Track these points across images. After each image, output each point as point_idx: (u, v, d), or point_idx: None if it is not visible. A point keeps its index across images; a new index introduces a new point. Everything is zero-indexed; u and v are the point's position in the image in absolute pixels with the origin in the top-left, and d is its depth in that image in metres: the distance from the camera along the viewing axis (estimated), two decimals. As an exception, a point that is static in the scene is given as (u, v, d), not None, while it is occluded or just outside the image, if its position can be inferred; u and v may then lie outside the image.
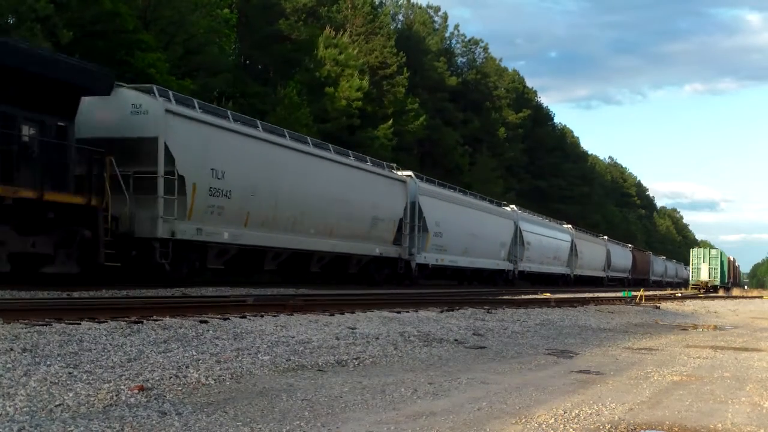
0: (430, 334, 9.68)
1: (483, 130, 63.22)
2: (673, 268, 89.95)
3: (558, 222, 50.60)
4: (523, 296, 22.73)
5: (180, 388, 5.35)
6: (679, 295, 38.30)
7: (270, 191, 20.09)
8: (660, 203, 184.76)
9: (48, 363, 5.56)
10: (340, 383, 5.93)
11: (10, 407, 4.39)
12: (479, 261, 34.79)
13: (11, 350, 5.81)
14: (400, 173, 28.65)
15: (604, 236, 62.88)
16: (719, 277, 56.79)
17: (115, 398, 4.88)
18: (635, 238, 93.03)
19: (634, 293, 28.70)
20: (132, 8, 27.93)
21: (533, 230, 42.34)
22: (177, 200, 16.69)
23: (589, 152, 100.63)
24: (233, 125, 19.18)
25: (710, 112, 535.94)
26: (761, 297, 46.43)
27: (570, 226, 51.91)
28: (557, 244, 46.97)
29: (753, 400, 5.99)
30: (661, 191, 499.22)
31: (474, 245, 33.67)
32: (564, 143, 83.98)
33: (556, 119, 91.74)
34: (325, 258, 23.59)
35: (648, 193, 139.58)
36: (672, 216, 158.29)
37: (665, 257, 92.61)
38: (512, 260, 39.08)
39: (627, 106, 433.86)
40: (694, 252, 61.27)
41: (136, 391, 5.06)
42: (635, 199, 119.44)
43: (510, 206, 41.64)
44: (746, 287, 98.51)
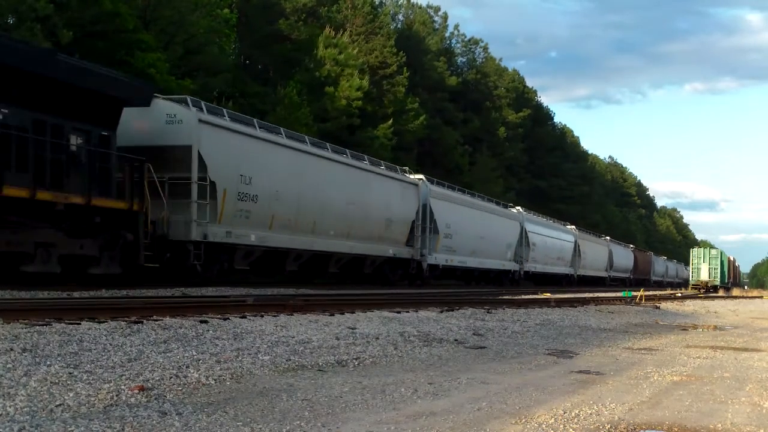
0: (430, 334, 9.69)
1: (483, 130, 63.23)
2: (674, 269, 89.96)
3: (562, 223, 51.00)
4: (523, 296, 22.74)
5: (180, 388, 5.35)
6: (679, 295, 38.30)
7: (293, 195, 20.95)
8: (660, 203, 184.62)
9: (48, 363, 5.56)
10: (340, 383, 5.93)
11: (11, 407, 4.39)
12: (486, 262, 35.55)
13: (11, 350, 5.82)
14: (413, 176, 29.41)
15: (607, 237, 62.99)
16: (719, 277, 56.78)
17: (116, 398, 4.88)
18: (635, 238, 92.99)
19: (634, 293, 28.71)
20: (132, 8, 27.95)
21: (538, 231, 42.86)
22: (209, 205, 17.57)
23: (589, 152, 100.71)
24: (259, 133, 20.08)
25: (710, 112, 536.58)
26: (761, 297, 46.43)
27: (573, 227, 52.26)
28: (561, 245, 47.44)
29: (753, 400, 5.99)
30: (661, 191, 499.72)
31: (482, 246, 34.45)
32: (564, 143, 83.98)
33: (556, 119, 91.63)
34: (343, 259, 24.42)
35: (648, 193, 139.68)
36: (672, 216, 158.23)
37: (666, 257, 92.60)
38: (518, 261, 39.67)
39: (627, 106, 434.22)
40: (694, 252, 61.26)
41: (137, 391, 5.06)
42: (635, 199, 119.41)
43: (516, 208, 42.19)
44: (746, 287, 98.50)
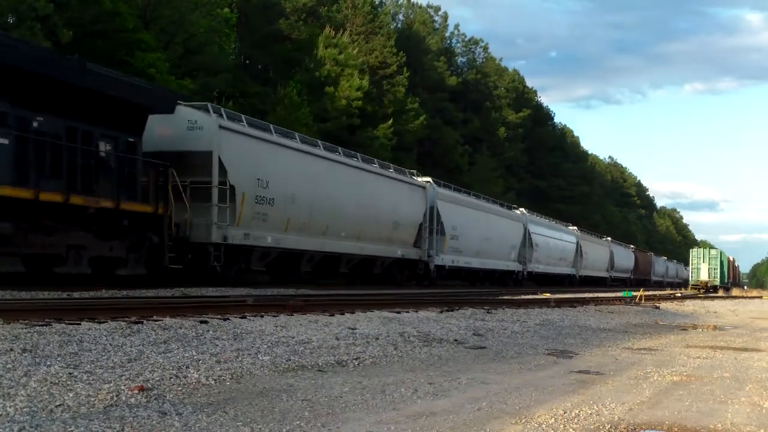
0: (430, 334, 9.68)
1: (483, 130, 63.24)
2: (674, 269, 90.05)
3: (564, 224, 51.53)
4: (523, 296, 22.74)
5: (180, 389, 5.35)
6: (679, 296, 38.30)
7: (307, 198, 21.53)
8: (660, 203, 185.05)
9: (48, 363, 5.56)
10: (340, 383, 5.93)
11: (11, 407, 4.39)
12: (491, 262, 36.25)
13: (11, 350, 5.81)
14: (420, 179, 30.03)
15: (608, 237, 63.32)
16: (719, 277, 56.77)
17: (116, 398, 4.88)
18: (635, 238, 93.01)
19: (634, 293, 28.71)
20: (132, 8, 27.94)
21: (541, 232, 43.45)
22: (228, 208, 18.12)
23: (589, 152, 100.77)
24: (275, 137, 20.65)
25: (710, 112, 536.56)
26: (761, 297, 46.42)
27: (575, 228, 52.75)
28: (563, 246, 48.03)
29: (753, 400, 5.99)
30: (661, 191, 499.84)
31: (486, 247, 35.20)
32: (564, 143, 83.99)
33: (556, 119, 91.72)
34: (354, 260, 25.01)
35: (648, 193, 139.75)
36: (672, 216, 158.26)
37: (666, 258, 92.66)
38: (522, 261, 40.33)
39: (627, 106, 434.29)
40: (694, 252, 61.24)
41: (137, 392, 5.06)
42: (635, 199, 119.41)
43: (519, 209, 42.81)
44: (746, 287, 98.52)
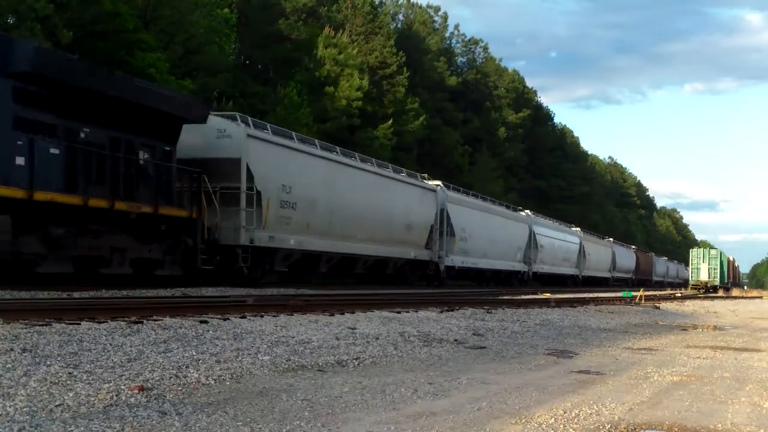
0: (430, 334, 9.68)
1: (483, 130, 63.23)
2: (675, 269, 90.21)
3: (567, 225, 52.31)
4: (523, 296, 22.75)
5: (180, 388, 5.35)
6: (679, 296, 38.31)
7: (327, 202, 22.60)
8: (660, 203, 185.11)
9: (48, 363, 5.56)
10: (340, 383, 5.92)
11: (11, 407, 4.39)
12: (498, 263, 37.27)
13: (11, 350, 5.81)
14: (431, 183, 31.16)
15: (610, 238, 63.65)
16: (719, 278, 56.77)
17: (116, 398, 4.87)
18: (635, 238, 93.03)
19: (634, 293, 28.72)
20: (132, 8, 27.92)
21: (546, 233, 44.33)
22: (255, 212, 19.11)
23: (589, 152, 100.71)
24: (297, 144, 21.73)
25: (710, 112, 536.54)
26: (761, 297, 46.44)
27: (578, 229, 53.47)
28: (567, 247, 48.91)
29: (753, 400, 5.99)
30: (661, 191, 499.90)
31: (493, 248, 36.23)
32: (564, 143, 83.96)
33: (556, 119, 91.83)
34: (369, 261, 25.94)
35: (648, 193, 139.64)
36: (672, 216, 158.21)
37: (666, 258, 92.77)
38: (527, 262, 41.24)
39: (627, 106, 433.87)
40: (694, 252, 61.23)
41: (137, 391, 5.06)
42: (635, 199, 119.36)
43: (525, 211, 43.72)
44: (746, 287, 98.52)
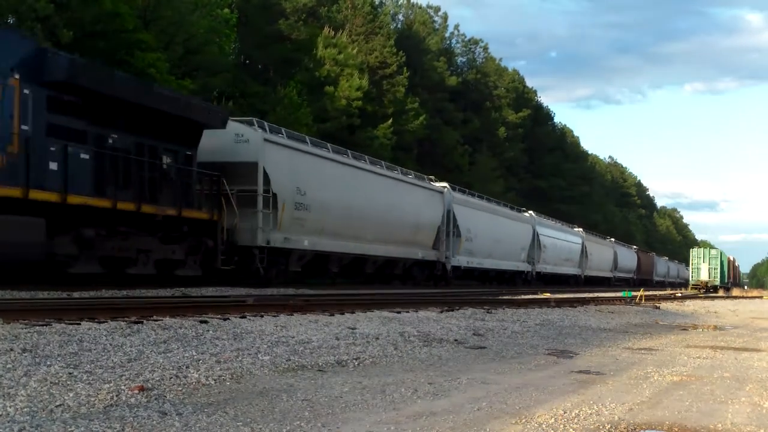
0: (430, 334, 9.68)
1: (483, 130, 63.22)
2: (675, 269, 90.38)
3: (570, 225, 52.79)
4: (523, 296, 22.74)
5: (180, 389, 5.35)
6: (679, 295, 38.30)
7: (339, 204, 23.03)
8: (660, 203, 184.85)
9: (48, 363, 5.56)
10: (340, 383, 5.92)
11: (11, 407, 4.39)
12: (503, 263, 37.76)
13: (11, 350, 5.81)
14: (438, 185, 31.76)
15: (612, 239, 63.81)
16: (719, 277, 56.76)
17: (116, 398, 4.88)
18: (635, 238, 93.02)
19: (634, 293, 28.71)
20: (132, 8, 27.91)
21: (549, 234, 44.84)
22: (271, 214, 19.68)
23: (589, 152, 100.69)
24: (311, 148, 22.31)
25: (710, 112, 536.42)
26: (761, 297, 46.42)
27: (581, 230, 53.94)
28: (570, 247, 49.42)
29: (753, 400, 5.98)
30: (661, 191, 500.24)
31: (498, 249, 36.78)
32: (564, 143, 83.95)
33: (556, 119, 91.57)
34: (378, 261, 26.44)
35: (648, 193, 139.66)
36: (672, 216, 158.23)
37: (667, 258, 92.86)
38: (530, 262, 41.80)
39: (627, 106, 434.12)
40: (694, 252, 61.22)
41: (137, 392, 5.06)
42: (635, 199, 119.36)
43: (528, 212, 44.28)
44: (746, 287, 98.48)
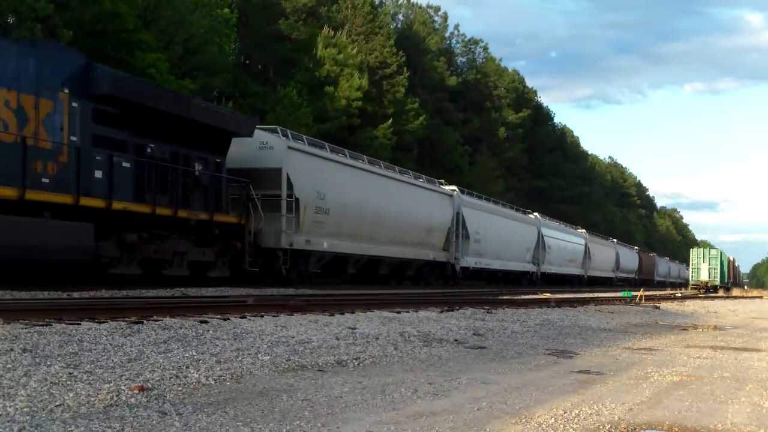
0: (430, 334, 9.68)
1: (483, 130, 63.19)
2: (676, 269, 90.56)
3: (573, 227, 53.55)
4: (523, 296, 22.75)
5: (180, 389, 5.35)
6: (679, 295, 38.31)
7: (356, 208, 23.92)
8: (660, 203, 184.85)
9: (48, 363, 5.56)
10: (340, 383, 5.92)
11: (11, 407, 4.39)
12: (509, 264, 38.94)
13: (11, 350, 5.81)
14: (448, 188, 32.81)
15: (614, 239, 64.08)
16: (719, 277, 56.77)
17: (116, 398, 4.88)
18: (635, 238, 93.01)
19: (634, 293, 28.72)
20: (132, 8, 27.90)
21: (553, 235, 45.63)
22: (294, 217, 20.49)
23: (589, 152, 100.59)
24: (330, 154, 23.25)
25: (710, 112, 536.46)
26: (761, 297, 46.42)
27: (584, 231, 54.70)
28: (573, 248, 50.27)
29: (753, 400, 5.99)
30: (661, 191, 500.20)
31: (505, 250, 37.68)
32: (564, 143, 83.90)
33: (556, 119, 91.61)
34: (392, 262, 27.35)
35: (648, 193, 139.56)
36: (672, 216, 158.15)
37: (668, 258, 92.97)
38: (535, 263, 42.66)
39: (627, 106, 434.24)
40: (694, 252, 61.21)
41: (137, 392, 5.06)
42: (635, 199, 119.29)
43: (534, 214, 45.12)
44: (746, 287, 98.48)
